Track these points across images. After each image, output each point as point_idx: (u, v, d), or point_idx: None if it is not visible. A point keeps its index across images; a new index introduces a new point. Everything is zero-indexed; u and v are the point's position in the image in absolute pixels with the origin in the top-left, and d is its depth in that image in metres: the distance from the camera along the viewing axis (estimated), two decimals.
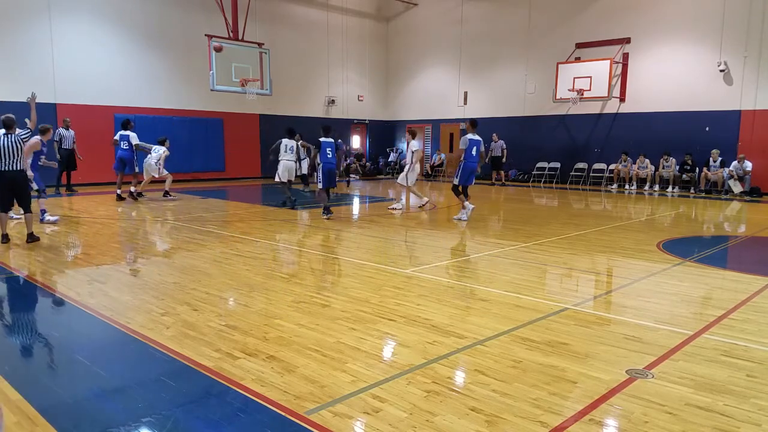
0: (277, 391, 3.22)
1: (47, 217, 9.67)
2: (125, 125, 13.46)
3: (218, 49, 14.74)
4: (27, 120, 9.13)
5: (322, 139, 10.36)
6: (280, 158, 12.02)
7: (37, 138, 9.25)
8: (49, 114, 15.71)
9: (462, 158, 10.20)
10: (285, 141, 12.09)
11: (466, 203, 10.32)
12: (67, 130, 14.64)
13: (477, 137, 10.21)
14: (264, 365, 3.60)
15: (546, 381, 3.39)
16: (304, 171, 15.07)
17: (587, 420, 2.91)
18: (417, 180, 12.68)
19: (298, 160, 14.22)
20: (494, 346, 3.99)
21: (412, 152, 12.04)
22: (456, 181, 10.27)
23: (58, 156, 14.42)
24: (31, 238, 7.80)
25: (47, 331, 4.56)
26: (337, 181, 10.70)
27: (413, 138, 12.74)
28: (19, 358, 3.92)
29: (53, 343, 4.22)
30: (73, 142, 14.70)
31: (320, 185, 10.58)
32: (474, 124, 10.39)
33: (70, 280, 5.89)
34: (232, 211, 11.99)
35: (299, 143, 14.73)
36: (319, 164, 10.45)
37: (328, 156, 10.36)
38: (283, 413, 2.97)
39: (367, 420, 2.91)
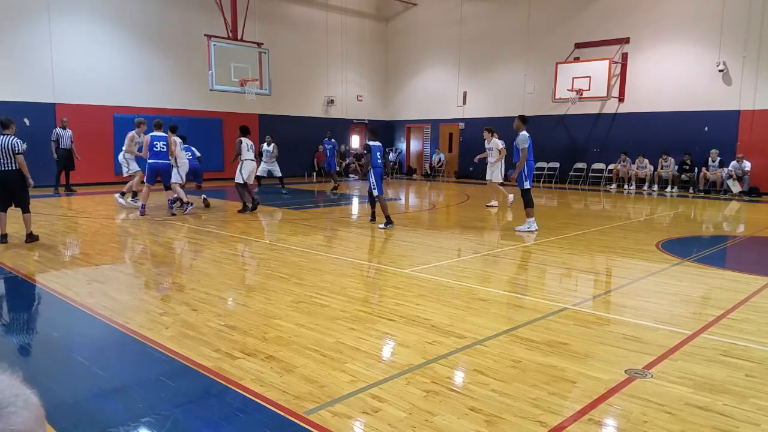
0: (277, 391, 3.22)
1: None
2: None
3: None
4: (25, 120, 9.14)
5: (372, 143, 9.66)
6: (243, 158, 11.17)
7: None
8: (48, 114, 15.72)
9: (525, 158, 9.13)
10: (245, 140, 11.26)
11: (532, 219, 9.35)
12: (65, 129, 14.61)
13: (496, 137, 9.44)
14: (263, 365, 3.60)
15: (545, 381, 3.39)
16: (278, 173, 15.34)
17: (586, 420, 2.92)
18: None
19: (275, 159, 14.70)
20: (493, 346, 3.99)
21: (499, 150, 12.35)
22: (527, 185, 9.19)
23: (55, 156, 14.40)
24: (30, 238, 7.78)
25: (46, 330, 4.55)
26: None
27: (493, 136, 12.61)
28: (17, 358, 3.92)
29: (52, 343, 4.21)
30: (71, 142, 14.68)
31: (377, 191, 9.65)
32: (524, 120, 9.44)
33: (68, 280, 5.88)
34: (231, 210, 11.98)
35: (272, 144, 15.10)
36: (369, 170, 9.66)
37: (379, 160, 9.67)
38: (282, 413, 2.97)
39: (367, 420, 2.91)
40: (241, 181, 11.14)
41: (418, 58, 24.27)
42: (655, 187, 17.57)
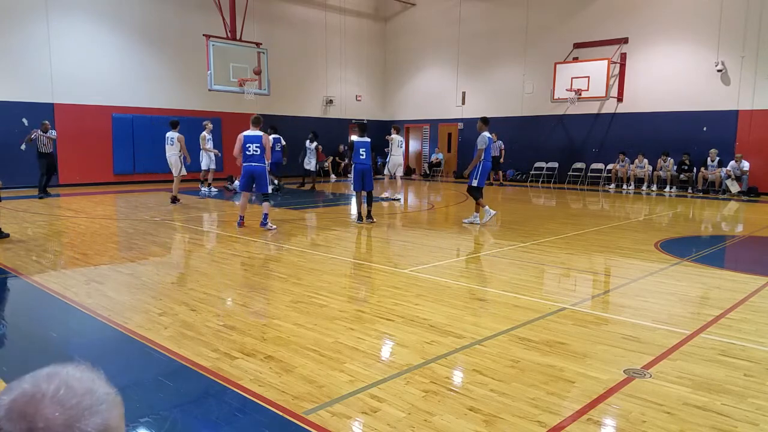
0: (275, 391, 3.22)
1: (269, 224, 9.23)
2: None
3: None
4: (24, 120, 9.08)
5: (356, 139, 9.82)
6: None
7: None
8: (46, 114, 15.68)
9: (480, 158, 9.58)
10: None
11: (486, 207, 9.80)
12: (46, 132, 13.91)
13: (490, 135, 9.73)
14: (262, 365, 3.60)
15: (544, 381, 3.39)
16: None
17: (585, 420, 2.92)
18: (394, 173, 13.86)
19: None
20: (492, 345, 3.99)
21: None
22: (475, 183, 9.65)
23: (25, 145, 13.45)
24: None
25: (45, 331, 4.54)
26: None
27: (396, 133, 14.03)
28: (16, 359, 3.91)
29: (51, 343, 4.21)
30: (54, 145, 14.08)
31: (353, 187, 9.99)
32: (486, 121, 9.78)
33: (67, 280, 5.87)
34: (229, 210, 11.97)
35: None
36: (352, 165, 9.98)
37: (361, 156, 9.73)
38: (281, 413, 2.97)
39: (365, 420, 2.91)
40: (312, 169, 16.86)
41: (417, 58, 24.27)
42: (654, 187, 17.59)
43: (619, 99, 18.62)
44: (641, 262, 7.01)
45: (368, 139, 9.85)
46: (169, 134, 12.79)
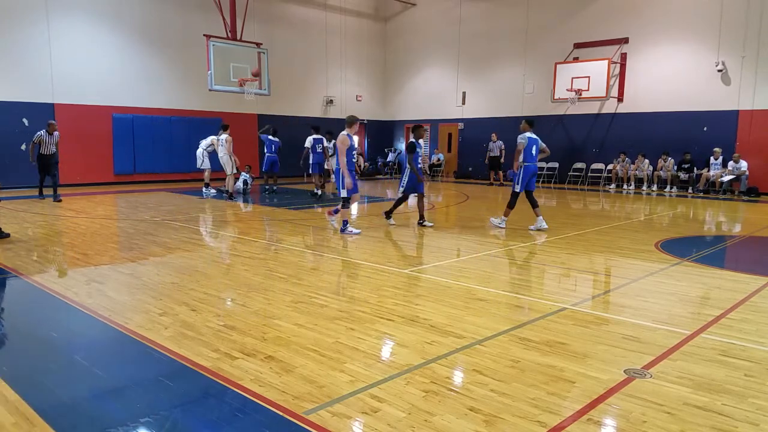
0: (276, 391, 3.22)
1: (350, 228, 8.90)
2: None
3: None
4: (24, 120, 9.05)
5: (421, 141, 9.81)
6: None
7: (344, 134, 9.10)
8: (47, 114, 15.70)
9: (521, 160, 9.25)
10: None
11: (503, 218, 9.59)
12: (51, 135, 13.76)
13: (535, 136, 9.38)
14: (262, 365, 3.60)
15: (544, 381, 3.39)
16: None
17: (585, 420, 2.92)
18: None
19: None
20: (492, 345, 3.99)
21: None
22: (517, 189, 9.31)
23: (32, 161, 13.04)
24: None
25: (45, 331, 4.54)
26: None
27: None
28: (17, 359, 3.91)
29: (51, 343, 4.20)
30: (56, 147, 13.84)
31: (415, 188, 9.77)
32: (531, 123, 9.47)
33: (68, 280, 5.88)
34: (230, 210, 11.98)
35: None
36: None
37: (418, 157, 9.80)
38: (281, 413, 2.97)
39: (366, 420, 2.91)
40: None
41: (417, 58, 24.28)
42: (654, 187, 17.59)
43: (620, 99, 18.62)
44: (641, 262, 7.01)
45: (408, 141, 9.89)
46: (221, 136, 13.80)
